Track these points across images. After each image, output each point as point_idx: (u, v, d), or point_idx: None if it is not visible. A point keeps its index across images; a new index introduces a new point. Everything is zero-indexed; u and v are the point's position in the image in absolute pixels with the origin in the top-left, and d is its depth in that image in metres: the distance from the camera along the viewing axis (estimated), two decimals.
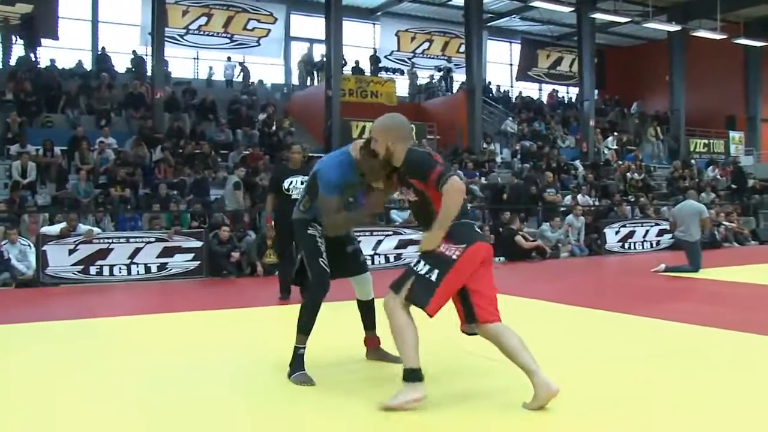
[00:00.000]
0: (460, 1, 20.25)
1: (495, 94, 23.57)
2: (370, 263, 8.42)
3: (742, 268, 10.19)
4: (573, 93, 25.61)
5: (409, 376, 3.22)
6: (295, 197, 6.72)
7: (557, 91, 26.14)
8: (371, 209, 3.82)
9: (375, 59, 22.97)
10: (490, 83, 23.88)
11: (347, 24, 19.15)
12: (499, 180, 15.36)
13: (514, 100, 24.11)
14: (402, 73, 23.50)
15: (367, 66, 22.31)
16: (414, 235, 10.44)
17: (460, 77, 22.88)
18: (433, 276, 3.22)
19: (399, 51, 23.86)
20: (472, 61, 18.99)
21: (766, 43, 21.85)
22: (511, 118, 20.80)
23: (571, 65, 25.77)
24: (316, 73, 21.74)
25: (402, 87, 22.65)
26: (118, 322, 6.23)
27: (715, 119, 24.15)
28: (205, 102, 17.32)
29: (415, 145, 3.52)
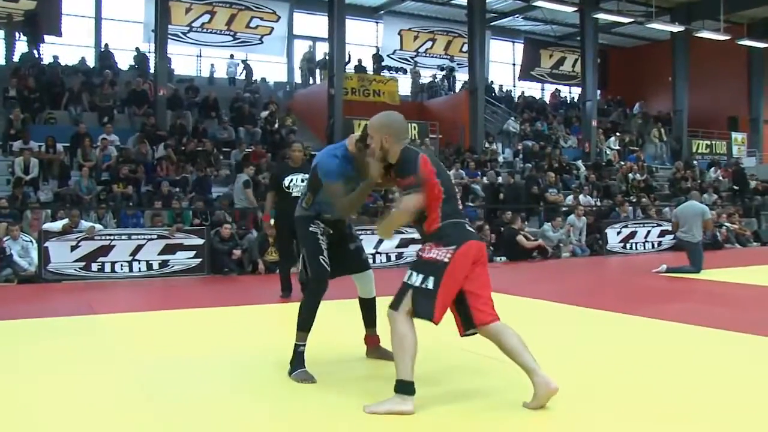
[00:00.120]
0: (463, 0, 20.25)
1: (497, 94, 23.55)
2: (372, 262, 8.42)
3: (743, 270, 10.18)
4: (575, 93, 25.60)
5: (401, 388, 3.19)
6: (295, 195, 6.72)
7: (560, 91, 26.13)
8: (373, 181, 3.65)
9: (378, 58, 22.98)
10: (492, 83, 23.86)
11: (350, 22, 19.13)
12: (499, 179, 15.32)
13: (516, 100, 24.10)
14: (405, 72, 23.50)
15: (370, 65, 22.32)
16: (416, 234, 10.41)
17: (462, 76, 22.88)
18: (429, 284, 3.20)
19: (402, 50, 23.86)
20: (475, 61, 18.98)
21: None
22: (514, 118, 20.79)
23: (573, 65, 25.75)
24: (318, 71, 21.75)
25: (404, 86, 22.64)
26: (120, 318, 6.24)
27: (718, 120, 24.13)
28: (208, 100, 17.35)
29: (413, 143, 3.52)
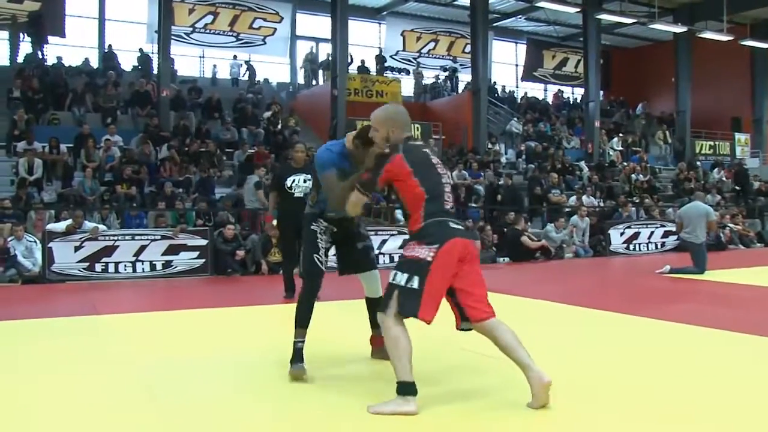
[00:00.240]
0: (466, 1, 20.25)
1: (500, 95, 23.56)
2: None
3: (747, 271, 10.17)
4: (578, 94, 25.58)
5: (402, 390, 3.19)
6: (297, 195, 6.74)
7: (562, 91, 26.11)
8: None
9: (380, 59, 23.00)
10: (495, 83, 23.87)
11: (353, 23, 19.15)
12: (498, 181, 15.30)
13: (519, 101, 24.09)
14: (407, 72, 23.54)
15: (373, 65, 22.34)
16: None
17: (465, 77, 22.90)
18: (414, 283, 3.20)
19: (404, 51, 23.87)
20: (478, 62, 18.99)
21: None
22: (517, 119, 20.79)
23: (576, 66, 25.76)
24: (321, 72, 21.77)
25: (407, 87, 22.69)
26: (123, 319, 6.25)
27: (721, 121, 24.09)
28: (211, 100, 17.38)
29: (416, 139, 3.54)
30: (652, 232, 14.45)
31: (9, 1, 17.67)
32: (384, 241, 10.87)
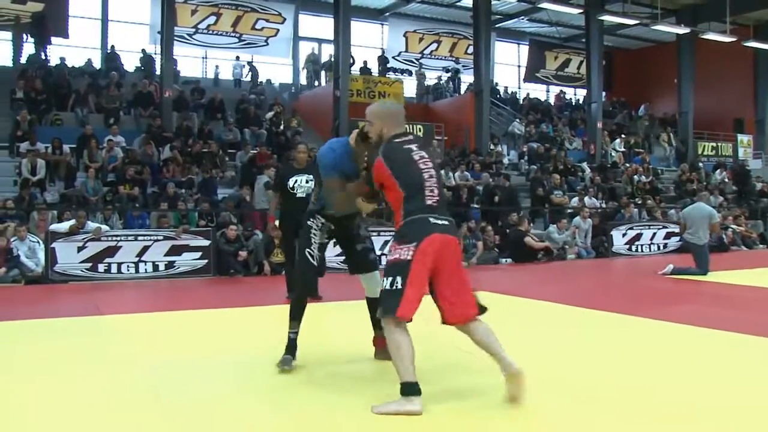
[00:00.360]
0: (468, 2, 20.25)
1: (502, 96, 23.56)
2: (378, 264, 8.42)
3: (750, 272, 10.17)
4: (580, 95, 25.55)
5: (405, 390, 3.22)
6: (300, 196, 6.74)
7: (565, 92, 26.10)
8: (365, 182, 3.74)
9: (383, 60, 23.00)
10: (497, 84, 23.87)
11: (355, 24, 19.17)
12: (494, 182, 15.28)
13: (521, 102, 24.09)
14: (410, 73, 23.53)
15: (375, 66, 22.34)
16: None
17: (467, 78, 22.89)
18: (398, 284, 3.27)
19: (407, 52, 23.86)
20: (480, 63, 18.98)
21: None
22: (519, 120, 20.77)
23: (578, 67, 25.75)
24: (324, 73, 21.79)
25: (410, 88, 22.69)
26: (126, 319, 6.25)
27: (724, 122, 24.06)
28: (214, 101, 17.39)
29: (406, 135, 3.58)
30: (655, 234, 14.45)
31: (12, 2, 17.70)
32: (387, 242, 10.86)
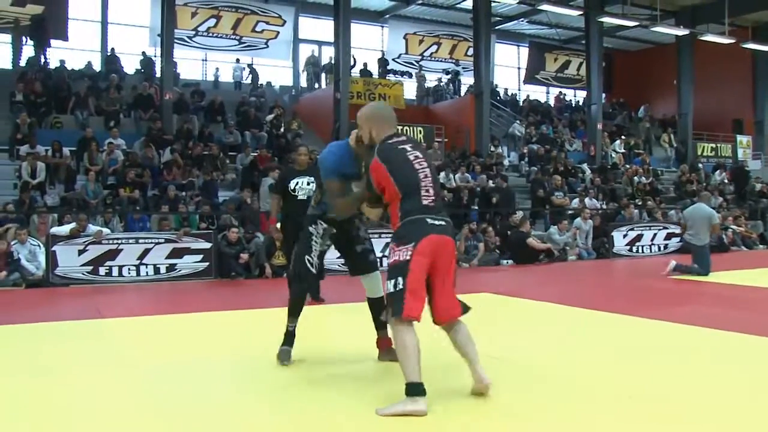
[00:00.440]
0: (468, 4, 20.27)
1: (503, 98, 23.56)
2: (379, 265, 8.42)
3: (751, 272, 10.17)
4: (580, 96, 25.56)
5: (411, 390, 3.22)
6: (301, 198, 6.74)
7: (564, 94, 26.11)
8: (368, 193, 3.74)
9: (383, 62, 23.01)
10: (497, 86, 23.87)
11: (355, 26, 19.17)
12: (490, 183, 15.29)
13: (521, 104, 24.11)
14: (410, 75, 23.55)
15: (375, 68, 22.35)
16: None
17: (468, 80, 22.91)
18: (399, 284, 3.30)
19: (407, 54, 23.88)
20: (480, 65, 18.98)
21: None
22: (519, 122, 20.77)
23: (578, 69, 25.76)
24: (324, 75, 21.79)
25: (410, 90, 22.69)
26: (127, 322, 6.25)
27: (723, 123, 24.08)
28: (214, 104, 17.38)
29: (398, 136, 3.58)
30: (655, 234, 14.46)
31: (12, 5, 17.71)
32: (387, 244, 10.85)
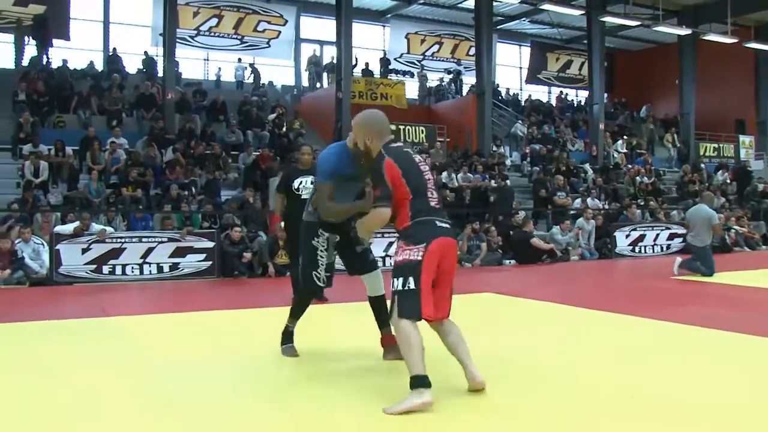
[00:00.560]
0: (470, 3, 20.28)
1: (504, 97, 23.57)
2: (381, 265, 8.43)
3: (754, 273, 10.17)
4: (582, 96, 25.57)
5: (415, 383, 3.22)
6: (304, 197, 6.74)
7: (566, 94, 26.10)
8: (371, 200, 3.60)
9: (385, 61, 23.03)
10: (499, 86, 23.88)
11: (357, 26, 19.20)
12: (488, 183, 15.28)
13: (523, 103, 24.10)
14: (412, 75, 23.55)
15: (377, 68, 22.36)
16: None
17: (469, 80, 22.90)
18: (411, 284, 3.30)
19: (409, 53, 23.88)
20: (482, 64, 18.99)
21: None
22: (521, 121, 20.77)
23: (580, 68, 25.76)
24: (326, 74, 21.80)
25: (412, 89, 22.69)
26: (130, 321, 6.26)
27: (725, 123, 24.05)
28: (216, 103, 17.40)
29: (393, 141, 3.58)
30: (658, 234, 14.46)
31: (14, 5, 17.73)
32: (390, 244, 10.85)
